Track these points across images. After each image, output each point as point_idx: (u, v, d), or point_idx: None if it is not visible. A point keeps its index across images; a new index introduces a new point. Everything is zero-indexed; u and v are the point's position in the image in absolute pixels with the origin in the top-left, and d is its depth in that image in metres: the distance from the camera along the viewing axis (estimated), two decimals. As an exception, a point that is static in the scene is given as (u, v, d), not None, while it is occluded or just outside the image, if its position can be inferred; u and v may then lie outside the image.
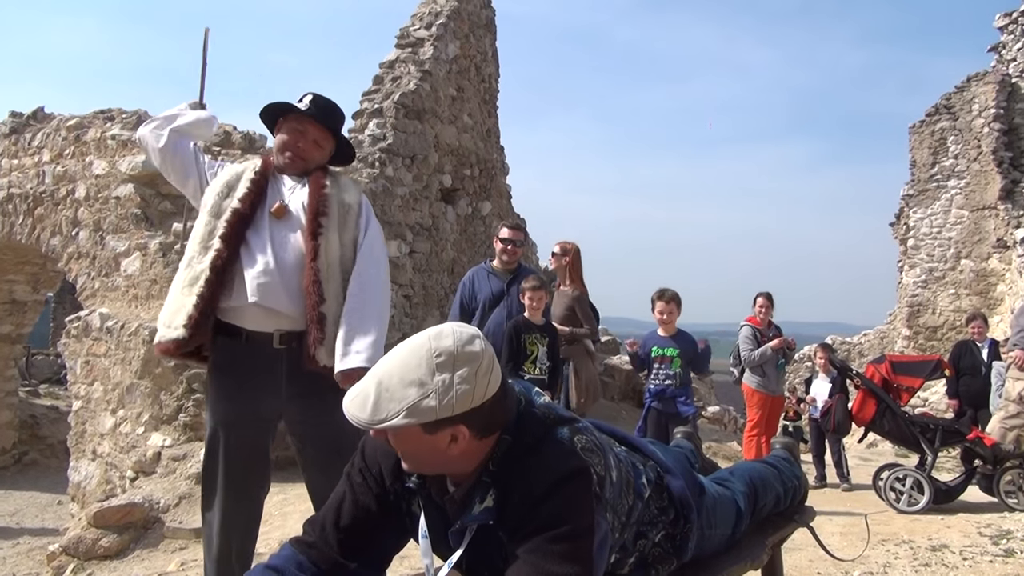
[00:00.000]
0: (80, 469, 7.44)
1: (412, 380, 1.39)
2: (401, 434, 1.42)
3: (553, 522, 1.36)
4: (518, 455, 1.45)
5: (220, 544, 2.64)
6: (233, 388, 2.67)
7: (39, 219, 8.99)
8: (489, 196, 10.35)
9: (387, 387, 1.40)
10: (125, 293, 7.91)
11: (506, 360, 4.90)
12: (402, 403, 1.38)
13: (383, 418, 1.39)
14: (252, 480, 2.73)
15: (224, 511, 2.65)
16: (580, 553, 1.37)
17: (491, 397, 1.43)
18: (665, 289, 5.42)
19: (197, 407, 6.60)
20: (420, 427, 1.39)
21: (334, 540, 1.57)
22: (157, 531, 5.66)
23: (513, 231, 5.30)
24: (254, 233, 2.67)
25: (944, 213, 17.12)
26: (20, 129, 9.52)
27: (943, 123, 17.35)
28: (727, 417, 12.19)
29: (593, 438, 1.53)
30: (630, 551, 1.65)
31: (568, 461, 1.43)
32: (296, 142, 2.81)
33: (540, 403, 1.57)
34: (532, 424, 1.50)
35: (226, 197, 2.71)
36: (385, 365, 1.44)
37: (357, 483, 1.61)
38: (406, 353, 1.44)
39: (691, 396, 5.40)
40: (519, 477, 1.43)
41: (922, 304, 17.22)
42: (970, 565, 4.17)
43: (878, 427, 6.03)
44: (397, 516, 1.60)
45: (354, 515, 1.58)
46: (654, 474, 1.77)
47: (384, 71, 9.12)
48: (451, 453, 1.43)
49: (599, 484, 1.46)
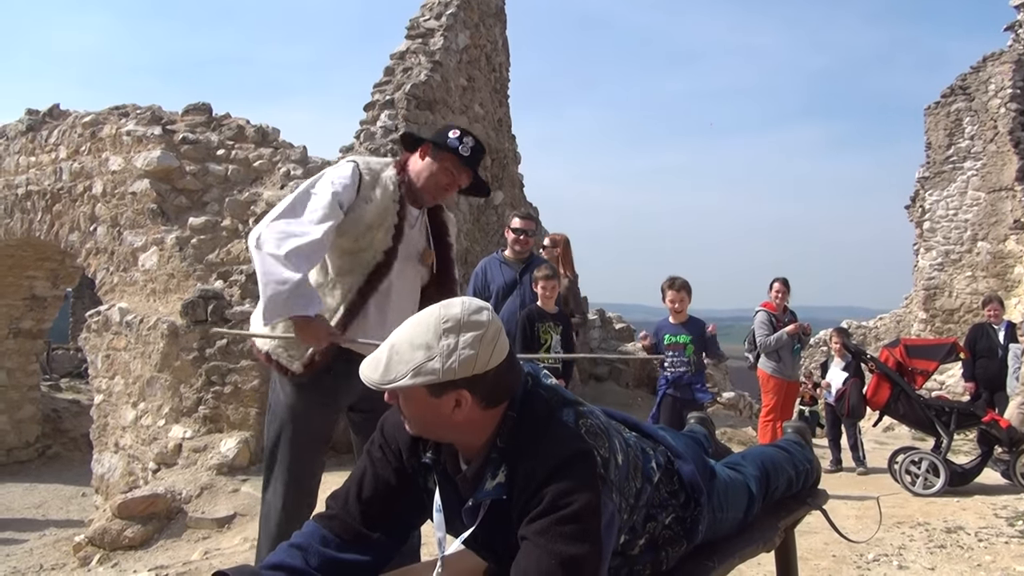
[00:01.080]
0: (103, 461, 7.57)
1: (420, 343, 1.46)
2: (409, 396, 1.48)
3: (559, 504, 1.40)
4: (524, 433, 1.50)
5: (279, 524, 2.71)
6: (321, 385, 2.72)
7: (57, 215, 9.10)
8: (501, 185, 10.37)
9: (398, 350, 1.47)
10: (143, 287, 8.01)
11: (520, 348, 4.95)
12: (409, 364, 1.45)
13: (392, 378, 1.46)
14: (315, 466, 2.82)
15: (286, 496, 2.72)
16: (588, 533, 1.40)
17: (495, 367, 1.48)
18: (675, 277, 5.44)
19: (216, 399, 6.70)
20: (426, 389, 1.46)
21: (356, 511, 1.62)
22: (180, 521, 5.76)
23: (524, 221, 5.32)
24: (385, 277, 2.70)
25: (960, 195, 16.98)
26: (37, 127, 9.62)
27: (959, 104, 17.17)
28: (742, 403, 12.18)
29: (597, 422, 1.57)
30: (640, 533, 1.69)
31: (572, 443, 1.47)
32: (448, 186, 2.78)
33: (546, 385, 1.61)
34: (538, 404, 1.54)
35: (367, 232, 2.66)
36: (399, 332, 1.52)
37: (377, 458, 1.66)
38: (418, 320, 1.52)
39: (705, 382, 5.42)
40: (525, 457, 1.47)
41: (938, 287, 17.10)
42: (985, 546, 4.19)
43: (893, 411, 6.04)
44: (415, 490, 1.65)
45: (375, 488, 1.63)
46: (664, 459, 1.81)
47: (395, 62, 9.14)
48: (456, 419, 1.48)
49: (604, 466, 1.49)
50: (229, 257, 7.55)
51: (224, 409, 6.69)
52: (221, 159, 8.12)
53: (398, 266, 2.72)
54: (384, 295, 2.70)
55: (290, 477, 2.74)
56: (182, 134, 8.23)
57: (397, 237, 2.69)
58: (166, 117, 8.62)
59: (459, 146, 2.70)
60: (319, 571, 1.57)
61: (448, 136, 2.73)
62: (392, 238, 2.68)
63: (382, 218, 2.67)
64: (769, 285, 7.19)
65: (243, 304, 6.79)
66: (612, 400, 10.85)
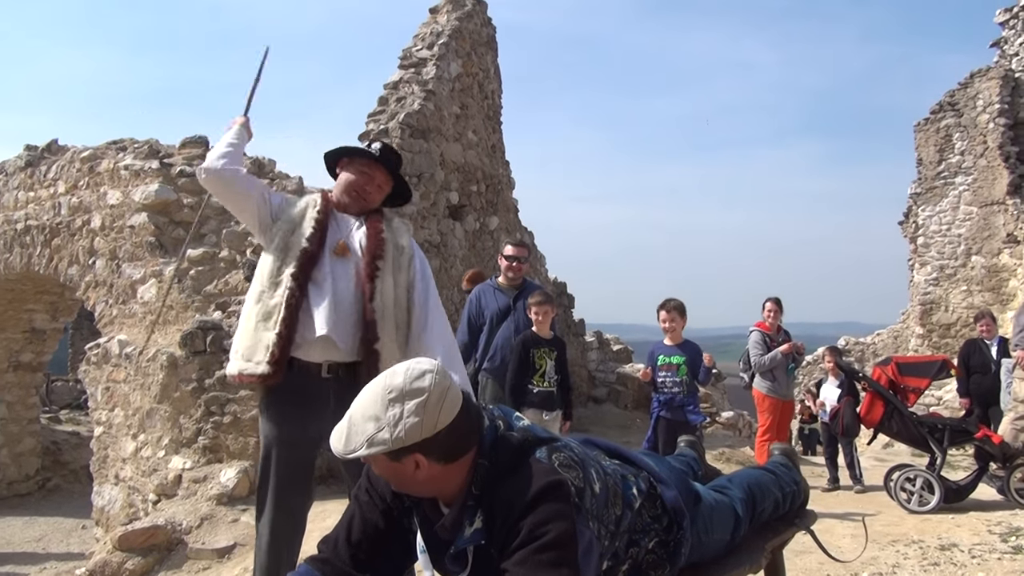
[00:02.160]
0: (103, 494, 7.58)
1: (370, 415, 1.55)
2: (373, 462, 1.59)
3: (536, 534, 1.47)
4: (498, 477, 1.57)
5: (268, 553, 2.82)
6: (287, 412, 2.85)
7: (56, 249, 9.17)
8: (496, 211, 10.47)
9: (354, 422, 1.57)
10: (142, 319, 8.07)
11: (514, 374, 5.01)
12: (363, 436, 1.54)
13: (352, 449, 1.55)
14: (297, 493, 2.90)
15: (273, 523, 2.83)
16: (565, 560, 1.47)
17: (445, 427, 1.55)
18: (669, 299, 5.53)
19: (216, 429, 6.74)
20: (385, 456, 1.55)
21: (346, 555, 1.69)
22: (180, 552, 5.78)
23: (517, 248, 5.41)
24: (317, 270, 2.85)
25: (952, 210, 17.11)
26: (35, 162, 9.73)
27: (948, 120, 17.36)
28: (741, 422, 12.20)
29: (571, 454, 1.64)
30: (622, 559, 1.75)
31: (545, 477, 1.54)
32: (364, 184, 2.99)
33: (519, 427, 1.68)
34: (509, 448, 1.61)
35: (292, 234, 2.89)
36: (355, 403, 1.60)
37: (364, 502, 1.74)
38: (368, 391, 1.60)
39: (698, 404, 5.47)
40: (500, 498, 1.54)
41: (934, 302, 17.18)
42: (979, 563, 4.23)
43: (886, 428, 6.09)
44: (402, 531, 1.72)
45: (363, 531, 1.71)
46: (646, 485, 1.87)
47: (388, 92, 9.27)
48: (418, 478, 1.57)
49: (578, 495, 1.56)
50: (227, 288, 7.62)
51: (224, 439, 6.73)
52: (218, 191, 8.21)
53: (331, 261, 2.87)
54: (320, 285, 2.83)
55: (275, 508, 2.84)
56: (179, 167, 8.32)
57: (320, 231, 2.88)
58: (163, 150, 8.72)
59: (367, 148, 3.01)
60: None
61: (360, 145, 3.07)
62: (314, 230, 2.87)
63: (303, 214, 2.91)
64: (762, 305, 7.27)
65: (241, 334, 6.85)
66: (611, 422, 10.88)
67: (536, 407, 4.96)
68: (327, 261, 2.86)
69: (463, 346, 5.40)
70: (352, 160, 3.01)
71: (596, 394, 11.87)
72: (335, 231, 2.94)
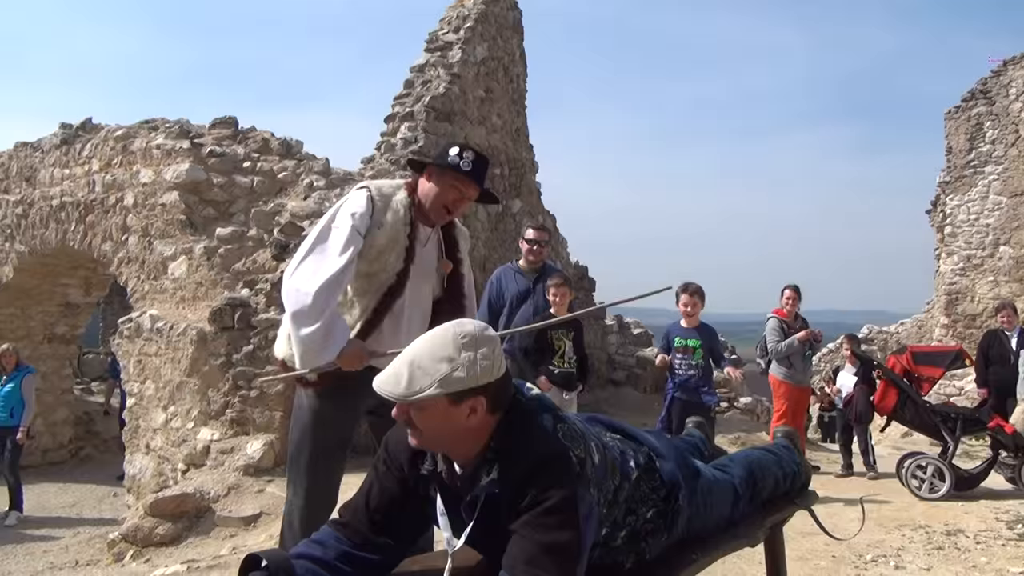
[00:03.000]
0: (135, 462, 7.86)
1: (442, 357, 1.65)
2: (426, 407, 1.66)
3: (541, 499, 1.61)
4: (511, 436, 1.71)
5: (301, 524, 2.87)
6: (330, 390, 2.87)
7: (90, 226, 9.44)
8: (519, 194, 10.58)
9: (419, 364, 1.66)
10: (173, 295, 8.31)
11: (534, 355, 5.14)
12: (434, 376, 1.64)
13: (417, 390, 1.64)
14: (336, 469, 2.99)
15: (308, 492, 2.90)
16: (568, 523, 1.60)
17: (502, 375, 1.71)
18: (689, 283, 5.63)
19: (243, 403, 6.96)
20: (447, 398, 1.65)
21: (365, 519, 1.83)
22: (208, 519, 6.02)
23: (538, 232, 5.53)
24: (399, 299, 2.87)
25: (981, 200, 16.92)
26: (70, 140, 9.98)
27: (979, 108, 17.12)
28: (759, 408, 12.26)
29: (573, 426, 1.78)
30: (620, 526, 1.88)
31: (550, 445, 1.68)
32: (457, 202, 2.92)
33: (530, 395, 1.82)
34: (521, 411, 1.76)
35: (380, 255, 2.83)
36: (414, 349, 1.71)
37: (382, 472, 1.87)
38: (435, 336, 1.71)
39: (712, 386, 5.58)
40: (511, 456, 1.68)
41: (960, 292, 17.04)
42: (983, 548, 4.31)
43: (900, 416, 6.15)
44: (418, 499, 1.85)
45: (380, 498, 1.84)
46: (645, 458, 2.00)
47: (414, 75, 9.38)
48: (468, 425, 1.68)
49: (580, 464, 1.69)
50: (255, 266, 7.82)
51: (250, 412, 6.95)
52: (247, 171, 8.40)
53: (411, 285, 2.89)
54: (397, 314, 2.87)
55: (312, 480, 2.91)
56: (209, 147, 8.52)
57: (408, 259, 2.86)
58: (194, 130, 8.92)
59: (460, 162, 2.84)
60: (338, 561, 1.78)
61: (449, 155, 2.87)
62: (404, 260, 2.85)
63: (394, 241, 2.84)
64: (781, 292, 7.33)
65: (268, 312, 7.04)
66: (629, 404, 10.99)
67: (557, 387, 5.11)
68: (408, 284, 2.86)
69: (482, 328, 5.53)
70: (443, 172, 2.87)
71: (615, 377, 11.98)
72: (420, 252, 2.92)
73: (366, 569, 1.80)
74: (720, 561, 3.05)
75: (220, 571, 4.26)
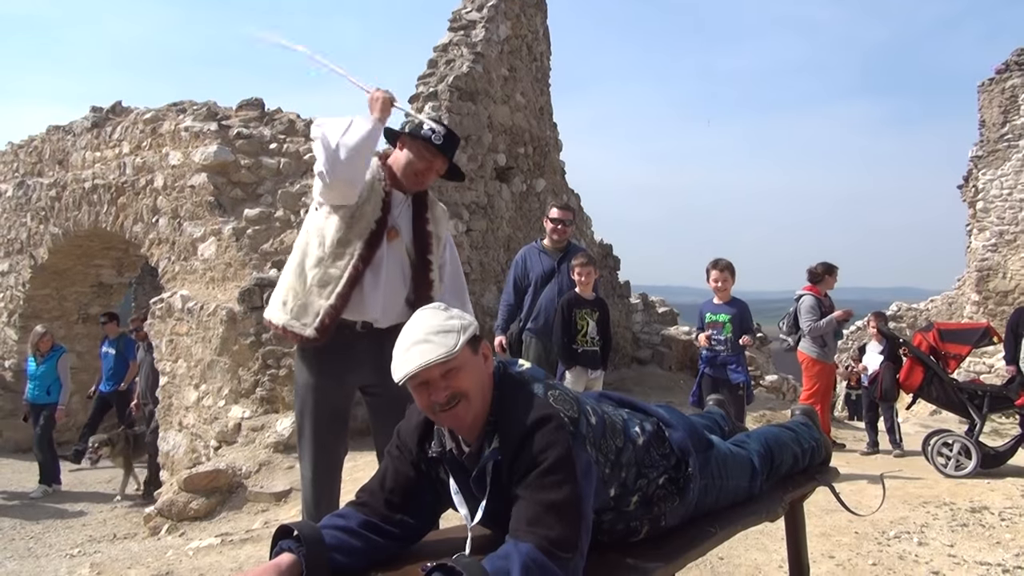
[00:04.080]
0: (168, 439, 8.05)
1: (442, 321, 1.82)
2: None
3: (538, 460, 1.69)
4: (505, 405, 1.81)
5: (312, 487, 3.07)
6: (324, 362, 3.03)
7: (122, 208, 9.60)
8: (543, 173, 10.58)
9: (435, 332, 1.79)
10: (203, 276, 8.45)
11: (560, 334, 5.19)
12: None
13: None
14: (334, 437, 3.11)
15: (314, 461, 3.06)
16: (566, 481, 1.68)
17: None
18: (719, 259, 5.65)
19: (272, 381, 7.09)
20: (470, 348, 1.81)
21: (381, 499, 1.92)
22: (240, 495, 6.17)
23: (562, 211, 5.56)
24: (378, 252, 2.99)
25: (1015, 174, 16.62)
26: (101, 123, 10.14)
27: (1014, 80, 16.78)
28: (785, 385, 12.24)
29: (564, 392, 1.88)
30: (631, 489, 1.94)
31: (540, 409, 1.76)
32: (424, 170, 3.07)
33: (520, 369, 1.93)
34: (513, 382, 1.87)
35: (360, 205, 2.96)
36: (415, 328, 1.82)
37: (395, 456, 1.97)
38: (423, 317, 1.85)
39: (743, 363, 5.55)
40: (507, 425, 1.77)
41: (992, 268, 16.80)
42: (1007, 525, 4.31)
43: (926, 394, 6.13)
44: (431, 481, 1.95)
45: (396, 480, 1.94)
46: (653, 427, 2.07)
47: (438, 55, 9.38)
48: (487, 372, 1.85)
49: (572, 424, 1.78)
50: (282, 247, 7.93)
51: (279, 391, 7.09)
52: (273, 152, 8.49)
53: (386, 243, 3.00)
54: (376, 268, 2.98)
55: (314, 448, 3.07)
56: (236, 129, 8.61)
57: (386, 209, 2.99)
58: (221, 112, 9.02)
59: (432, 135, 3.01)
60: (362, 528, 1.86)
61: (423, 127, 3.03)
62: (381, 209, 2.98)
63: (370, 191, 2.98)
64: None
65: (296, 291, 7.15)
66: (654, 383, 11.02)
67: (582, 365, 5.16)
68: (384, 242, 2.98)
69: (508, 308, 5.60)
70: (415, 141, 3.03)
71: (640, 355, 12.00)
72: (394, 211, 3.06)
73: (390, 538, 1.89)
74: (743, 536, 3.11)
75: (253, 544, 4.39)
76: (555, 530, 1.62)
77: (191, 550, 4.41)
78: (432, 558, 1.65)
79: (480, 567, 1.53)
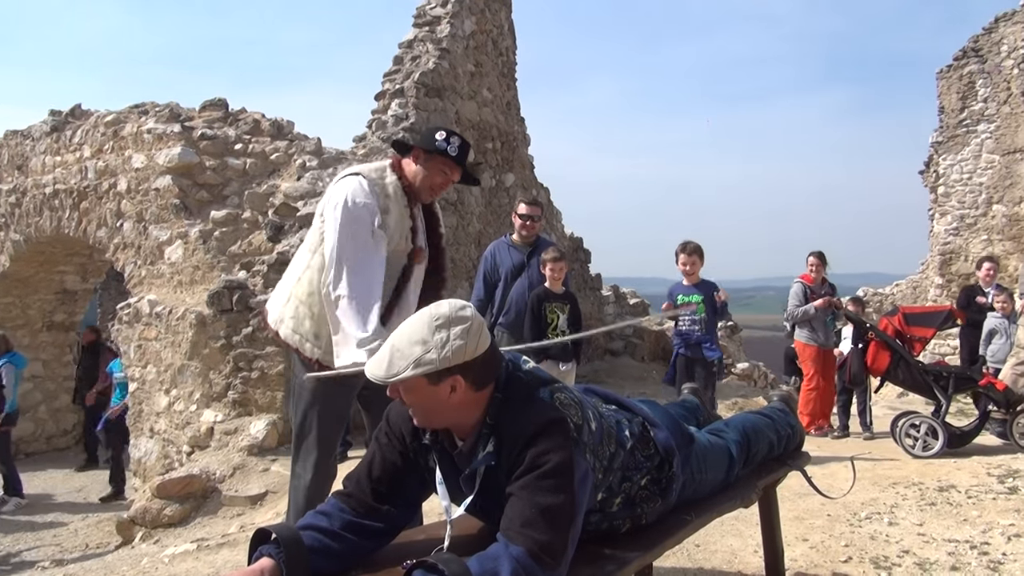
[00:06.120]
0: (140, 446, 7.95)
1: (417, 340, 1.73)
2: (411, 387, 1.75)
3: (538, 463, 1.67)
4: (508, 409, 1.77)
5: (307, 496, 2.99)
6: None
7: (85, 212, 9.44)
8: (512, 168, 10.59)
9: (398, 348, 1.74)
10: (170, 279, 8.34)
11: (529, 328, 5.21)
12: (409, 359, 1.72)
13: (395, 372, 1.72)
14: (338, 441, 3.14)
15: (317, 465, 3.01)
16: (563, 486, 1.67)
17: (481, 354, 1.76)
18: (688, 242, 5.72)
19: (244, 384, 7.03)
20: (425, 378, 1.72)
21: (368, 489, 1.90)
22: (215, 500, 6.12)
23: (530, 207, 5.56)
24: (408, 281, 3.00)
25: (974, 159, 16.92)
26: (60, 127, 9.95)
27: (971, 67, 17.06)
28: (756, 373, 12.40)
29: (571, 395, 1.84)
30: (616, 492, 1.96)
31: (547, 413, 1.75)
32: (443, 184, 3.05)
33: (526, 368, 1.89)
34: (519, 385, 1.82)
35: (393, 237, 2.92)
36: (397, 333, 1.79)
37: (384, 443, 1.95)
38: (412, 320, 1.79)
39: (716, 341, 5.68)
40: (509, 428, 1.74)
41: (954, 252, 17.11)
42: (974, 503, 4.41)
43: (893, 377, 6.24)
44: (418, 469, 1.93)
45: (383, 468, 1.92)
46: (639, 428, 2.07)
47: (403, 51, 9.35)
48: (452, 402, 1.75)
49: (576, 431, 1.76)
50: (251, 248, 7.85)
51: (252, 393, 7.03)
52: (239, 153, 8.40)
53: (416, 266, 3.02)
54: (405, 291, 3.00)
55: (319, 452, 3.03)
56: (200, 130, 8.51)
57: (414, 239, 2.98)
58: (184, 114, 8.90)
59: (447, 147, 2.96)
60: (343, 531, 1.85)
61: (436, 139, 2.97)
62: (411, 241, 2.97)
63: (401, 225, 2.95)
64: (805, 259, 7.48)
65: (265, 293, 7.08)
66: (627, 374, 11.10)
67: (553, 359, 5.18)
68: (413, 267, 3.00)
69: (479, 302, 5.60)
70: (432, 157, 2.98)
71: (612, 347, 12.08)
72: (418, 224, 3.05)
73: (370, 537, 1.87)
74: (719, 522, 3.15)
75: (229, 548, 4.36)
76: (547, 535, 1.62)
77: (167, 557, 4.36)
78: (413, 556, 1.66)
79: (462, 564, 1.53)
